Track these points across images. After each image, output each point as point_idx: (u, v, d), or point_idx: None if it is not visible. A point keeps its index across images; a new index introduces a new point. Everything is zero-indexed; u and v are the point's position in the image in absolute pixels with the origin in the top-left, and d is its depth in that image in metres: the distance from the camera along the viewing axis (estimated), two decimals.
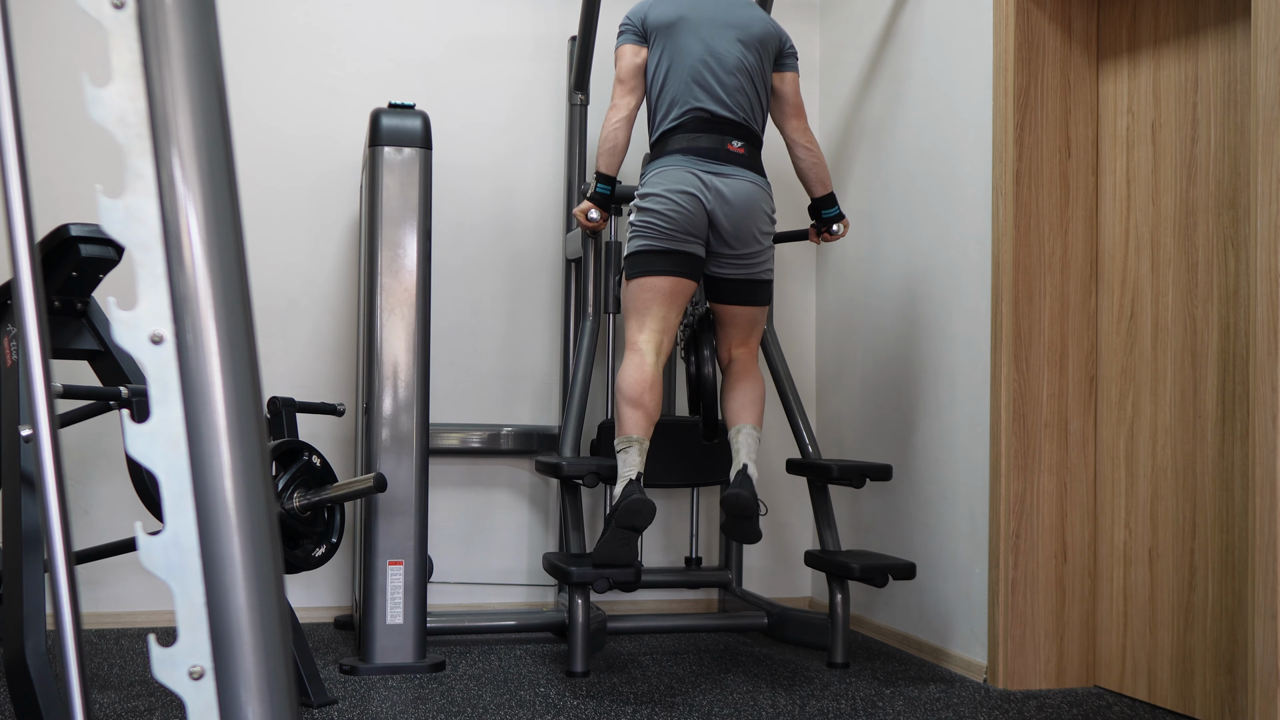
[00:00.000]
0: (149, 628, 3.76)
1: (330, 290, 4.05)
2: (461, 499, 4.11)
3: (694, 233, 3.20)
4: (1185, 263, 3.00)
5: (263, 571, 1.04)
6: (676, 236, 3.19)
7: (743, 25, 3.32)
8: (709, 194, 3.20)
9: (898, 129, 3.88)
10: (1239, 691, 2.79)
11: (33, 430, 0.99)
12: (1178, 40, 3.05)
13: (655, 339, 3.21)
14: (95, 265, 2.76)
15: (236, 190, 1.08)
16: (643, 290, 3.23)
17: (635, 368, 3.18)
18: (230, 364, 1.04)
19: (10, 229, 0.99)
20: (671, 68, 3.28)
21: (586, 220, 3.44)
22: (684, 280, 3.23)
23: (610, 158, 3.34)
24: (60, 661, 1.00)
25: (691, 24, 3.29)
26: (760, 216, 3.26)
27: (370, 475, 2.88)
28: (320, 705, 2.88)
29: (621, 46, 3.35)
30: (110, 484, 3.76)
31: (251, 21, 4.00)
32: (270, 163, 3.99)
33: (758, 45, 3.33)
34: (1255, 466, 2.44)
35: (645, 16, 3.33)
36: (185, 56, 1.05)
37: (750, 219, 3.24)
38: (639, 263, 3.24)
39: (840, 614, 3.45)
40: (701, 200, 3.19)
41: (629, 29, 3.36)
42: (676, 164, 3.24)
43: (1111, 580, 3.22)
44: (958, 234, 3.52)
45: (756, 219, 3.25)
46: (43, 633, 2.47)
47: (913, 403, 3.75)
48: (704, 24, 3.29)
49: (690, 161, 3.23)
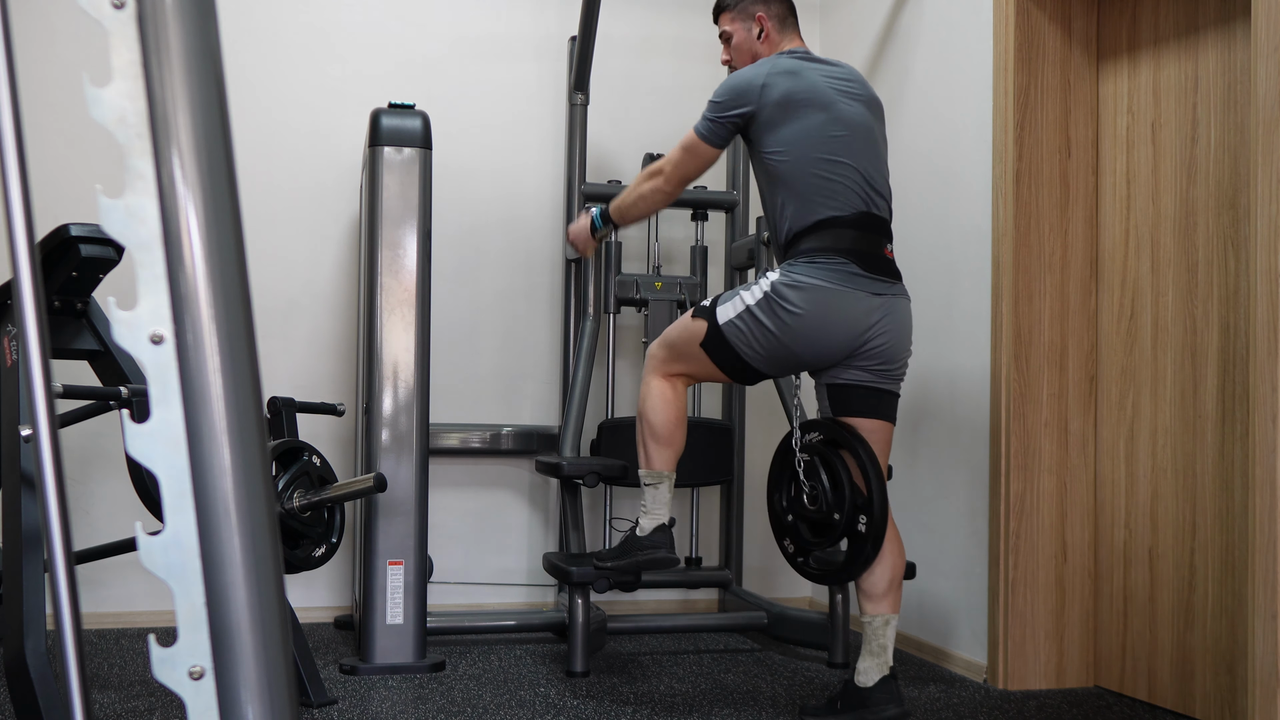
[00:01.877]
0: (149, 628, 3.76)
1: (330, 290, 4.05)
2: (461, 499, 4.11)
3: (815, 363, 2.76)
4: (1185, 263, 3.00)
5: (263, 571, 1.04)
6: (788, 363, 2.74)
7: (861, 83, 2.89)
8: (875, 322, 2.70)
9: (898, 129, 3.88)
10: (1239, 691, 2.79)
11: (33, 430, 0.99)
12: (1178, 40, 3.05)
13: (692, 381, 2.89)
14: (95, 265, 2.76)
15: (236, 190, 1.08)
16: (710, 364, 2.77)
17: (671, 404, 2.82)
18: (230, 364, 1.04)
19: (10, 229, 0.99)
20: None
21: (581, 245, 3.19)
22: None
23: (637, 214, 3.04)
24: (60, 661, 1.00)
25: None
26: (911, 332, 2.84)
27: (370, 475, 2.88)
28: (320, 705, 2.88)
29: (698, 138, 2.89)
30: (110, 484, 3.76)
31: (251, 21, 4.00)
32: (270, 163, 3.99)
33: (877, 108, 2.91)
34: (1255, 466, 2.44)
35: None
36: (185, 56, 1.05)
37: (907, 338, 2.81)
38: (725, 350, 2.72)
39: (840, 614, 3.45)
40: (858, 334, 2.69)
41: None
42: (841, 278, 2.66)
43: (1111, 580, 3.22)
44: (958, 234, 3.52)
45: (909, 337, 2.82)
46: (43, 633, 2.47)
47: (913, 402, 3.74)
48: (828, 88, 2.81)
49: (856, 280, 2.67)
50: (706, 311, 2.78)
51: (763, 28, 2.95)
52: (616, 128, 4.29)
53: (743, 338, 2.70)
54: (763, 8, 2.97)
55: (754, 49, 2.97)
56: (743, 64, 2.98)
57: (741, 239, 4.06)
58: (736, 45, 2.99)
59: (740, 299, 2.72)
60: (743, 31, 2.97)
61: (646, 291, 3.93)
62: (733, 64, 3.02)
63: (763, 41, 2.95)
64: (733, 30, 2.99)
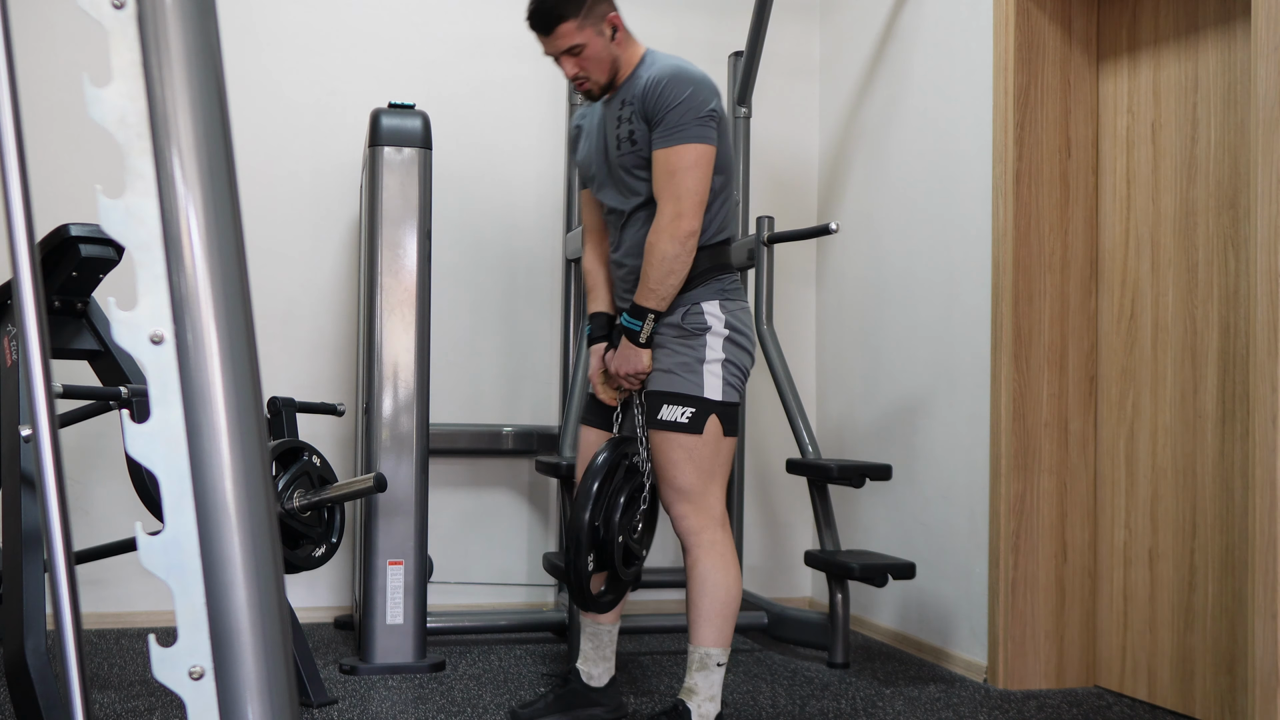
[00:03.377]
0: (149, 628, 3.76)
1: (330, 290, 4.05)
2: (461, 499, 4.11)
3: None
4: (1185, 263, 3.00)
5: (263, 571, 1.04)
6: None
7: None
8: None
9: (898, 129, 3.88)
10: (1239, 691, 2.79)
11: (33, 430, 0.99)
12: (1178, 40, 3.05)
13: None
14: (95, 265, 2.76)
15: (236, 190, 1.08)
16: (730, 450, 2.64)
17: (735, 566, 2.61)
18: (230, 364, 1.04)
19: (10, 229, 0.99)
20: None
21: (641, 364, 2.61)
22: None
23: (676, 284, 2.57)
24: (60, 661, 1.00)
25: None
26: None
27: (370, 475, 2.88)
28: (320, 705, 2.88)
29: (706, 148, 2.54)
30: (110, 484, 3.75)
31: (251, 21, 4.00)
32: (270, 163, 3.99)
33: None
34: (1255, 466, 2.44)
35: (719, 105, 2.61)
36: (185, 56, 1.05)
37: None
38: (733, 416, 2.62)
39: (840, 614, 3.45)
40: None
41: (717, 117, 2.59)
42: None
43: (1111, 580, 3.22)
44: (958, 234, 3.52)
45: None
46: (43, 633, 2.47)
47: (912, 403, 3.75)
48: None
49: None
50: (699, 415, 2.55)
51: (615, 26, 2.61)
52: None
53: (733, 381, 2.62)
54: (607, 5, 2.61)
55: (612, 54, 2.61)
56: (602, 75, 2.61)
57: (741, 239, 4.06)
58: (591, 56, 2.59)
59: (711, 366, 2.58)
60: (596, 38, 2.58)
61: None
62: (589, 80, 2.62)
63: (618, 43, 2.61)
64: (584, 40, 2.57)
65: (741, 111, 4.15)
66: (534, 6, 2.58)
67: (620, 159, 2.62)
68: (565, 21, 2.55)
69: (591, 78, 2.62)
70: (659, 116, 2.52)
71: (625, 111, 2.61)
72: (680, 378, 2.57)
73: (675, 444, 2.56)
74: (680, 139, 2.50)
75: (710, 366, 2.58)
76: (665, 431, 2.57)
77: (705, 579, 2.56)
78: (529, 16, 2.59)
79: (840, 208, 4.27)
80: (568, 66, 2.61)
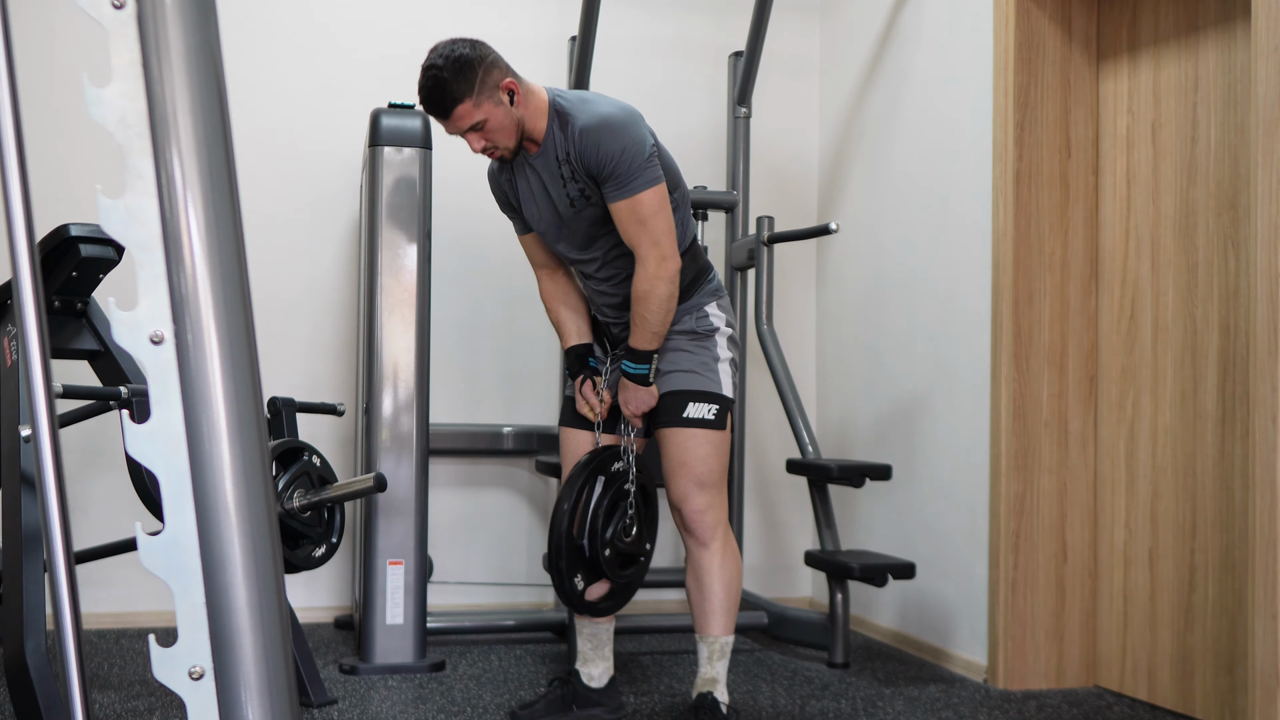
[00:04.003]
0: (149, 628, 3.76)
1: (330, 290, 4.05)
2: (461, 499, 4.11)
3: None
4: (1185, 263, 3.00)
5: (263, 571, 1.04)
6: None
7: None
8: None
9: (898, 129, 3.88)
10: (1239, 691, 2.79)
11: (33, 430, 0.99)
12: (1178, 40, 3.05)
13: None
14: (95, 265, 2.76)
15: (236, 190, 1.08)
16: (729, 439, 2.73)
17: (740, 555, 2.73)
18: (230, 364, 1.04)
19: (10, 229, 0.99)
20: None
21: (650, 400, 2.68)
22: None
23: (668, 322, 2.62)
24: (60, 661, 1.00)
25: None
26: None
27: (370, 475, 2.88)
28: (320, 705, 2.88)
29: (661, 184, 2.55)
30: (110, 484, 3.75)
31: (251, 21, 4.00)
32: (270, 163, 3.99)
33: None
34: (1255, 466, 2.44)
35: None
36: (185, 56, 1.05)
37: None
38: (731, 408, 2.72)
39: (840, 614, 3.45)
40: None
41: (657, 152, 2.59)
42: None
43: (1111, 580, 3.22)
44: (958, 234, 3.52)
45: None
46: (43, 633, 2.47)
47: (912, 403, 3.75)
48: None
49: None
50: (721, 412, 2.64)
51: (513, 90, 2.51)
52: None
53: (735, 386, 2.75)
54: (500, 72, 2.50)
55: (515, 118, 2.52)
56: (510, 140, 2.53)
57: (741, 239, 4.06)
58: (494, 127, 2.51)
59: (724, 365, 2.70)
60: (496, 109, 2.49)
61: None
62: (498, 149, 2.55)
63: (518, 105, 2.52)
64: (484, 115, 2.49)
65: (741, 111, 4.15)
66: (425, 92, 2.48)
67: (576, 216, 2.62)
68: (460, 103, 2.47)
69: (500, 146, 2.55)
70: (605, 172, 2.50)
71: (564, 170, 2.56)
72: (702, 376, 2.67)
73: (702, 439, 2.64)
74: (636, 188, 2.50)
75: (723, 365, 2.70)
76: (691, 429, 2.64)
77: (725, 569, 2.65)
78: (422, 102, 2.50)
79: (840, 208, 4.27)
80: (473, 142, 2.54)
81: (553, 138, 2.56)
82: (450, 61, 2.46)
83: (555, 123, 2.55)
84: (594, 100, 2.57)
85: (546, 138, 2.57)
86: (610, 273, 2.70)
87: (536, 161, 2.61)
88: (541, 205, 2.66)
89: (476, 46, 2.51)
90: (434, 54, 2.50)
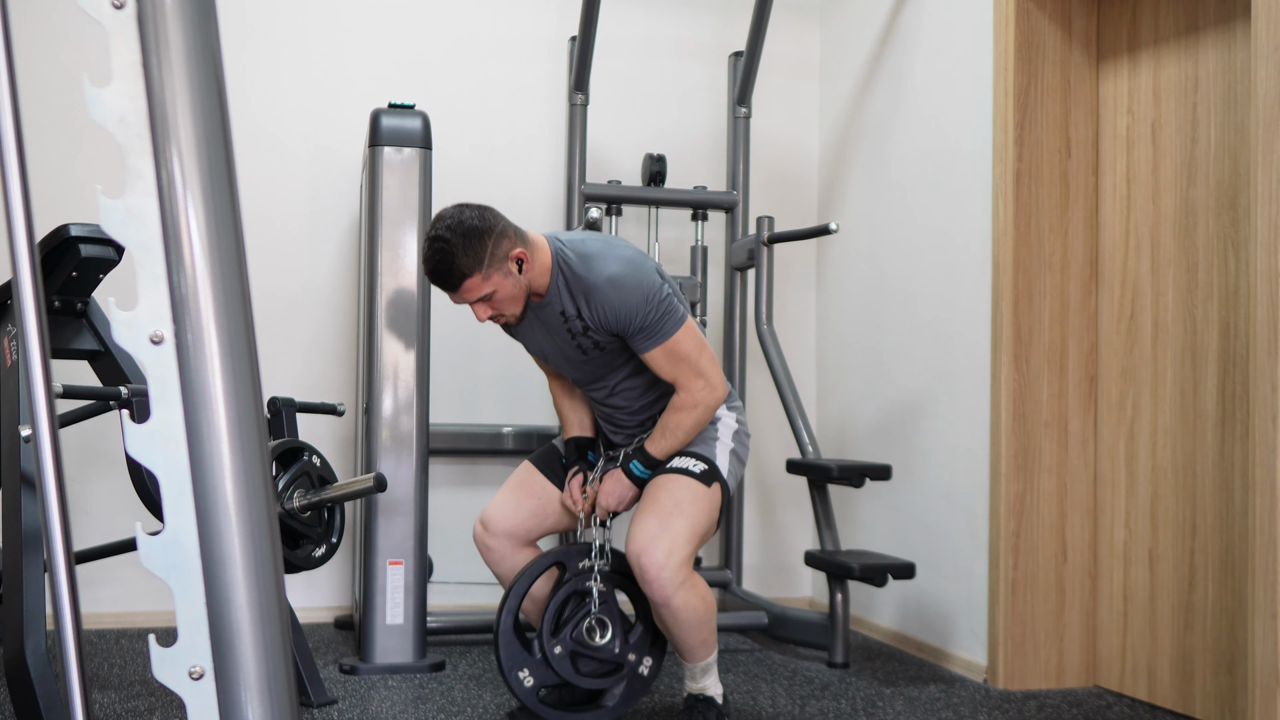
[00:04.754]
0: (149, 628, 3.76)
1: (330, 290, 4.05)
2: (461, 499, 4.11)
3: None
4: (1185, 263, 3.00)
5: (263, 571, 1.04)
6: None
7: None
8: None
9: (898, 129, 3.88)
10: (1239, 691, 2.79)
11: (33, 430, 0.99)
12: (1178, 40, 3.05)
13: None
14: (95, 265, 2.76)
15: (236, 190, 1.08)
16: (712, 530, 2.66)
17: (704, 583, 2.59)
18: (230, 364, 1.04)
19: (10, 229, 0.99)
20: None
21: (628, 499, 2.67)
22: None
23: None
24: (60, 661, 1.00)
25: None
26: None
27: (370, 475, 2.88)
28: (320, 705, 2.88)
29: (688, 320, 2.55)
30: (110, 484, 3.76)
31: (251, 21, 4.00)
32: (270, 163, 3.99)
33: None
34: (1255, 466, 2.44)
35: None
36: (185, 56, 1.05)
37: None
38: (726, 502, 2.68)
39: (840, 614, 3.45)
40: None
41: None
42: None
43: (1111, 580, 3.22)
44: (958, 234, 3.52)
45: None
46: (43, 633, 2.47)
47: (912, 403, 3.75)
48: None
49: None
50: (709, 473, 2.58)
51: (522, 259, 2.46)
52: (616, 128, 4.29)
53: (734, 476, 2.68)
54: (509, 242, 2.45)
55: (523, 286, 2.49)
56: (517, 307, 2.51)
57: (741, 239, 4.06)
58: (503, 297, 2.47)
59: (721, 444, 2.65)
60: (505, 280, 2.45)
61: None
62: (505, 315, 2.52)
63: (526, 272, 2.47)
64: (492, 287, 2.45)
65: (741, 111, 4.15)
66: (431, 264, 2.42)
67: (586, 360, 2.60)
68: (468, 277, 2.42)
69: (507, 313, 2.52)
70: (630, 329, 2.48)
71: (576, 324, 2.53)
72: (696, 444, 2.62)
73: (682, 483, 2.54)
74: (666, 333, 2.48)
75: (720, 444, 2.65)
76: (671, 473, 2.56)
77: (690, 612, 2.50)
78: (428, 274, 2.45)
79: (840, 208, 4.27)
80: (479, 312, 2.49)
81: (557, 293, 2.52)
82: (458, 233, 2.39)
83: (559, 279, 2.51)
84: (597, 256, 2.50)
85: (550, 291, 2.52)
86: (620, 402, 2.69)
87: (538, 309, 2.57)
88: (543, 343, 2.65)
89: (485, 215, 2.44)
90: (440, 223, 2.42)
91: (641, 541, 2.47)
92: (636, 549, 2.47)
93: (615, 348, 2.57)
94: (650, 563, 2.44)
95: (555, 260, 2.51)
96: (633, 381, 2.66)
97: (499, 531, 2.73)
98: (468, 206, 2.45)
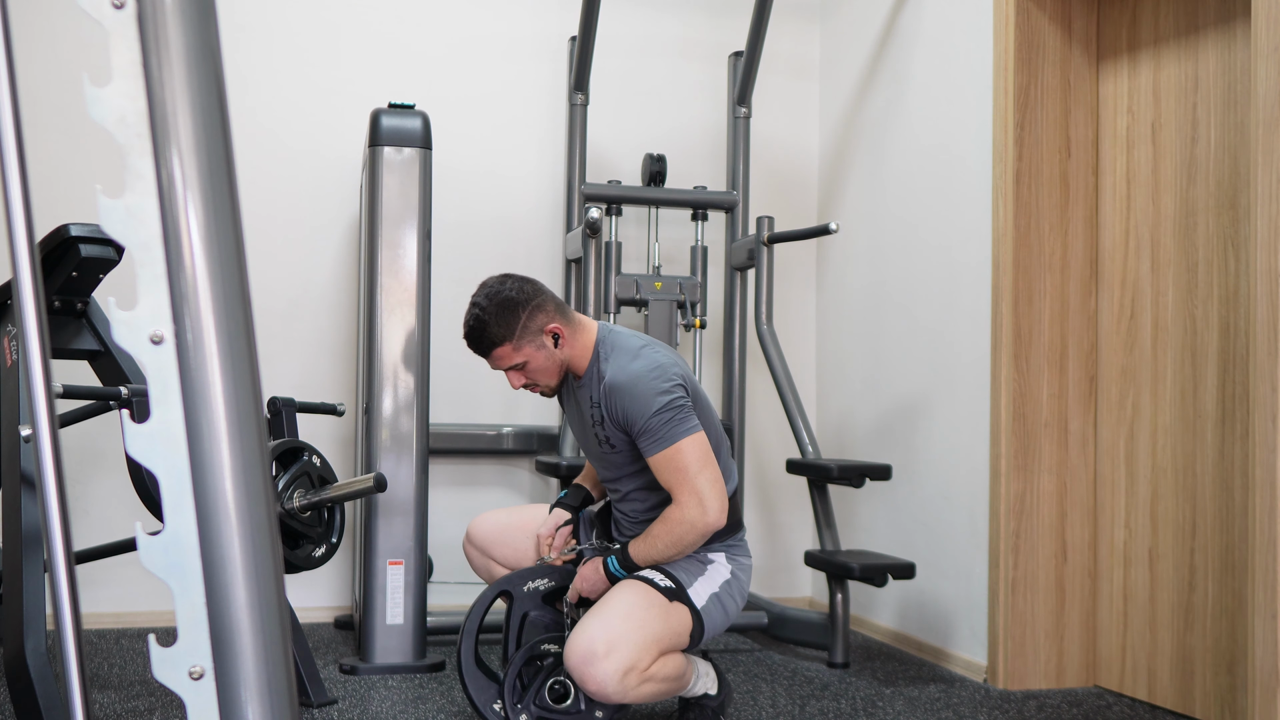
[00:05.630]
0: (149, 628, 3.76)
1: (330, 290, 4.05)
2: (461, 499, 4.11)
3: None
4: (1185, 263, 3.00)
5: (263, 571, 1.04)
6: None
7: None
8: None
9: (898, 129, 3.88)
10: (1239, 691, 2.79)
11: (33, 430, 0.99)
12: (1178, 40, 3.05)
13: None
14: (95, 265, 2.76)
15: (236, 190, 1.08)
16: (677, 662, 2.53)
17: (674, 659, 2.53)
18: (230, 364, 1.04)
19: (10, 229, 0.99)
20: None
21: (599, 588, 2.60)
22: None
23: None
24: (60, 661, 1.00)
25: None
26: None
27: (370, 475, 2.88)
28: (320, 705, 2.88)
29: (699, 434, 2.46)
30: (110, 484, 3.75)
31: (251, 21, 4.00)
32: (270, 162, 3.99)
33: None
34: (1255, 466, 2.44)
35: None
36: (185, 56, 1.05)
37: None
38: (695, 638, 2.54)
39: (840, 614, 3.45)
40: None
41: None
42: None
43: (1111, 580, 3.22)
44: (958, 234, 3.52)
45: None
46: (43, 633, 2.47)
47: (912, 403, 3.75)
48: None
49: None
50: (677, 590, 2.47)
51: (558, 334, 2.52)
52: (616, 128, 4.29)
53: (713, 618, 2.54)
54: (545, 316, 2.50)
55: (558, 360, 2.54)
56: (551, 380, 2.57)
57: (741, 239, 4.06)
58: (535, 369, 2.54)
59: (703, 581, 2.54)
60: (537, 353, 2.52)
61: (646, 291, 3.93)
62: (539, 386, 2.59)
63: (562, 348, 2.54)
64: (524, 358, 2.52)
65: (741, 111, 4.15)
66: (467, 329, 2.53)
67: (606, 454, 2.60)
68: (499, 346, 2.51)
69: (540, 384, 2.58)
70: (636, 429, 2.45)
71: (595, 413, 2.55)
72: (676, 567, 2.52)
73: (638, 588, 2.43)
74: (671, 440, 2.42)
75: (704, 581, 2.53)
76: (635, 580, 2.47)
77: (654, 699, 2.48)
78: (465, 337, 2.54)
79: (840, 208, 4.27)
80: (512, 379, 2.57)
81: (590, 379, 2.57)
82: (494, 302, 2.48)
83: (595, 366, 2.55)
84: (627, 352, 2.50)
85: (585, 375, 2.57)
86: (627, 508, 2.68)
87: (576, 389, 2.63)
88: (574, 422, 2.71)
89: (525, 288, 2.50)
90: (481, 291, 2.51)
91: (580, 650, 2.34)
92: (578, 659, 2.34)
93: (626, 449, 2.54)
94: (591, 676, 2.33)
95: (597, 347, 2.55)
96: (644, 495, 2.62)
97: (479, 545, 2.84)
98: (511, 277, 2.53)
